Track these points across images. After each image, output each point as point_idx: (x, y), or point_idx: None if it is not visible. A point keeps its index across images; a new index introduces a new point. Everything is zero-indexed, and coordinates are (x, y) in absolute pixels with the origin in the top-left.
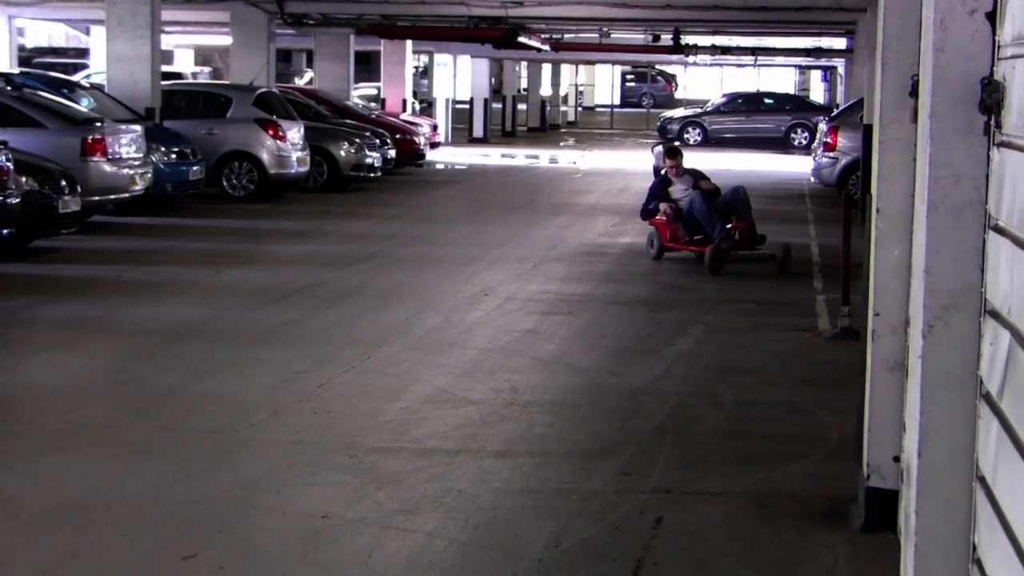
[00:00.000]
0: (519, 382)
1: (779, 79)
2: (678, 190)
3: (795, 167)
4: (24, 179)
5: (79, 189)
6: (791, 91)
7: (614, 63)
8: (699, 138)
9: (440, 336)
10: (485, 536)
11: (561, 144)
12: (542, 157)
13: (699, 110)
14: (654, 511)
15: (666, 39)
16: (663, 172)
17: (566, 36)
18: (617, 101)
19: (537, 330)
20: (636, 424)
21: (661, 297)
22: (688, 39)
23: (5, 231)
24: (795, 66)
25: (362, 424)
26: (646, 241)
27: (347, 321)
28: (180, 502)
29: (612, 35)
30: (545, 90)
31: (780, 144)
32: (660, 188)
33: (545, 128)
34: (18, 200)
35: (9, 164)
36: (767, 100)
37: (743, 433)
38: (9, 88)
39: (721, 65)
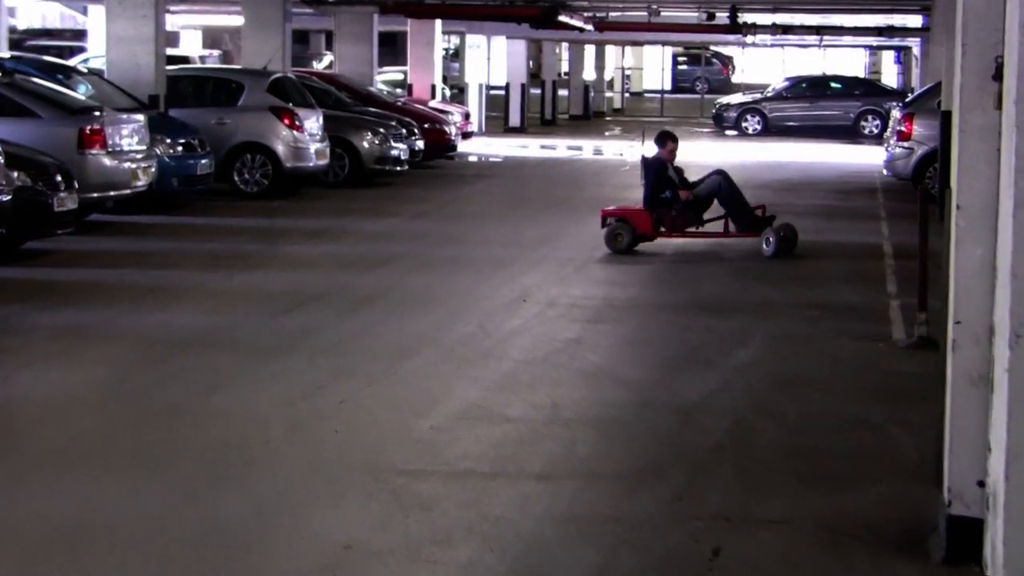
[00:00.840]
0: (561, 397)
1: (847, 61)
2: (673, 176)
3: (865, 158)
4: (16, 174)
5: (76, 185)
6: (861, 74)
7: (664, 44)
8: (759, 127)
9: (474, 346)
10: (524, 568)
11: (606, 134)
12: (585, 148)
13: (759, 96)
14: (710, 540)
15: (722, 17)
16: (658, 157)
17: (611, 15)
18: (668, 86)
19: (581, 339)
20: (690, 443)
21: (717, 301)
22: (746, 17)
23: None
24: (865, 47)
25: (388, 443)
26: (606, 234)
27: (371, 329)
28: (186, 527)
29: (662, 13)
30: (588, 74)
31: (849, 133)
32: (664, 174)
33: (588, 116)
34: (9, 197)
35: (0, 158)
36: (834, 84)
37: (809, 452)
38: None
39: (783, 46)
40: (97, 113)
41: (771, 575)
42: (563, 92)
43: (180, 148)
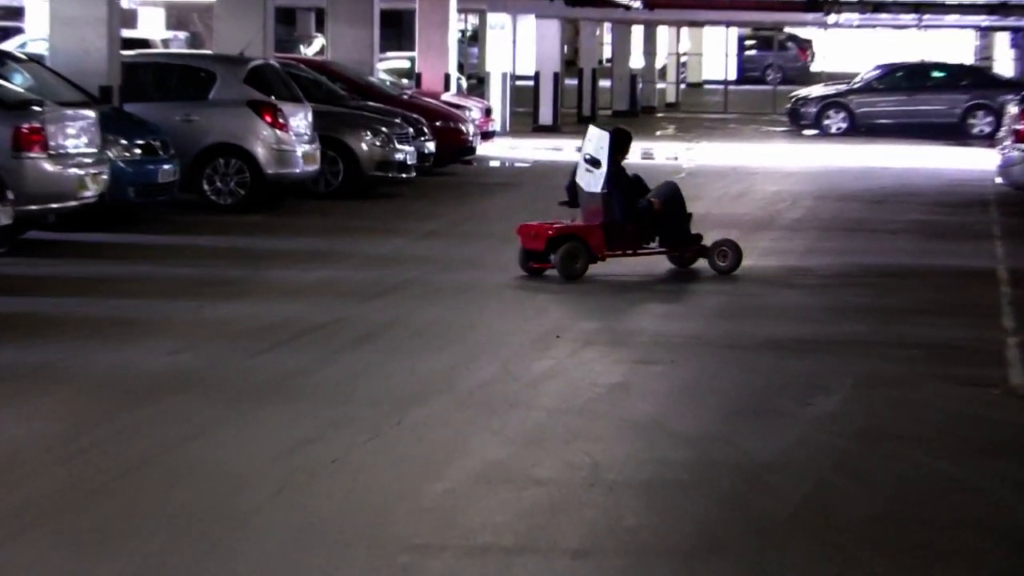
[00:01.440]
0: (603, 455)
1: (952, 45)
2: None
3: (975, 163)
4: None
5: (10, 196)
6: (969, 61)
7: (729, 24)
8: (844, 124)
9: (496, 391)
10: None
11: (658, 133)
12: (632, 151)
13: (844, 87)
14: None
15: None
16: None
17: None
18: (733, 75)
19: (627, 384)
20: (760, 511)
21: (794, 338)
22: None
23: None
24: (974, 27)
25: (393, 511)
26: (558, 258)
27: (373, 371)
28: None
29: None
30: (636, 62)
31: (954, 132)
32: (629, 180)
33: (636, 112)
34: None
35: None
36: (936, 74)
37: (903, 522)
38: None
39: (873, 27)
40: (37, 108)
41: None
42: (605, 83)
43: (138, 151)
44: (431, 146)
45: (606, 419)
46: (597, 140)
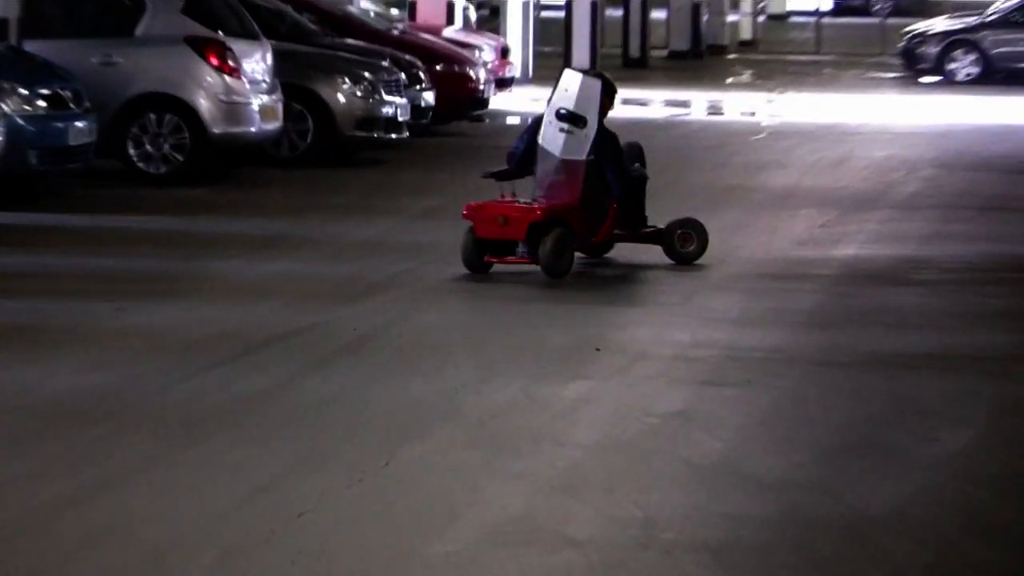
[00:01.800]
0: (657, 506)
1: None
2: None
3: None
4: None
5: None
6: None
7: None
8: (975, 69)
9: (515, 421)
10: None
11: (729, 81)
12: (695, 105)
13: (974, 20)
14: None
15: None
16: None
17: None
18: (829, 4)
19: (689, 412)
20: None
21: (911, 352)
22: None
23: None
24: None
25: None
26: (549, 249)
27: (352, 395)
28: None
29: None
30: None
31: None
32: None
33: (700, 52)
34: None
35: None
36: None
37: None
38: None
39: None
40: None
41: None
42: (658, 14)
43: (42, 103)
44: (429, 97)
45: (661, 459)
46: (581, 90)
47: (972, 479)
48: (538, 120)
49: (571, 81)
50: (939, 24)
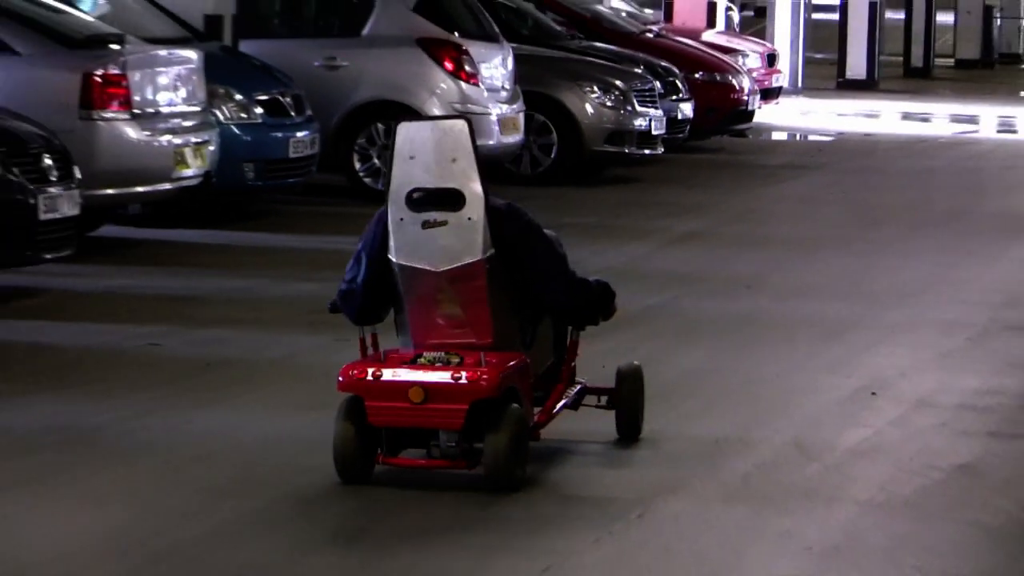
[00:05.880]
0: (942, 573)
1: None
2: None
3: None
4: None
5: (77, 174)
6: None
7: None
8: None
9: (784, 474)
10: None
11: (1022, 95)
12: (985, 121)
13: None
14: None
15: None
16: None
17: None
18: None
19: (980, 466)
20: None
21: None
22: None
23: None
24: None
25: None
26: (505, 447)
27: (597, 440)
28: None
29: None
30: None
31: None
32: None
33: (992, 61)
34: None
35: None
36: None
37: None
38: None
39: None
40: (114, 47)
41: None
42: (945, 19)
43: (260, 110)
44: (687, 109)
45: (952, 518)
46: (438, 149)
47: None
48: (381, 224)
49: (416, 141)
50: None
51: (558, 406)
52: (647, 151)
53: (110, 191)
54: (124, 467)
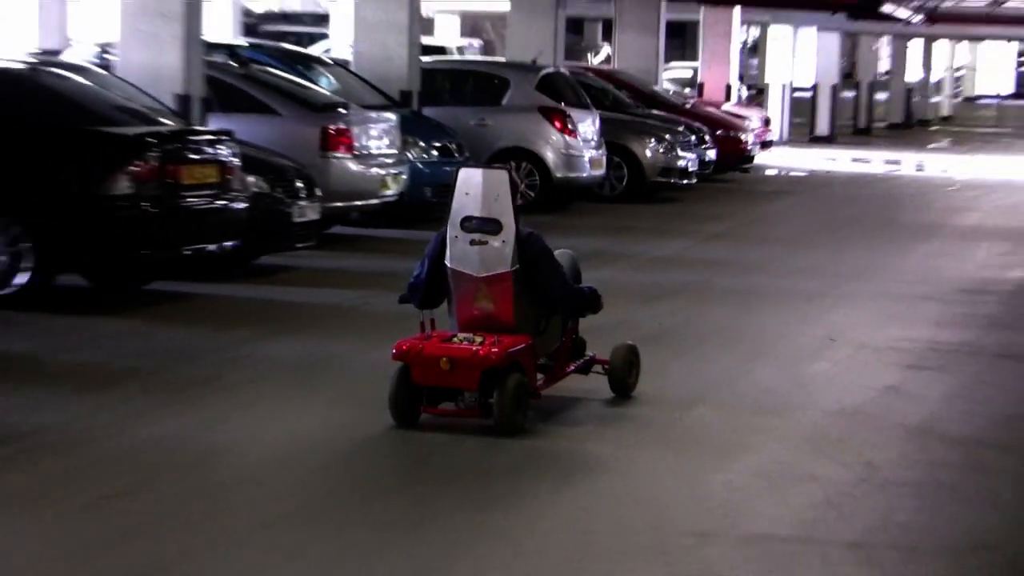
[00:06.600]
0: (875, 455)
1: None
2: None
3: None
4: (252, 179)
5: (318, 192)
6: None
7: (1009, 39)
8: None
9: (773, 393)
10: None
11: (931, 146)
12: (906, 163)
13: None
14: None
15: None
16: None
17: (944, 4)
18: (1009, 90)
19: (900, 388)
20: None
21: None
22: None
23: (230, 243)
24: None
25: (672, 501)
26: (507, 403)
27: (655, 370)
28: None
29: (1009, 2)
30: (912, 75)
31: None
32: None
33: (911, 125)
34: (246, 206)
35: (235, 160)
36: None
37: None
38: (234, 64)
39: None
40: (342, 110)
41: None
42: (880, 96)
43: (435, 152)
44: (712, 154)
45: (879, 421)
46: (486, 189)
47: None
48: (441, 239)
49: (471, 182)
50: None
51: (564, 373)
52: (685, 181)
53: (339, 204)
54: (352, 381)
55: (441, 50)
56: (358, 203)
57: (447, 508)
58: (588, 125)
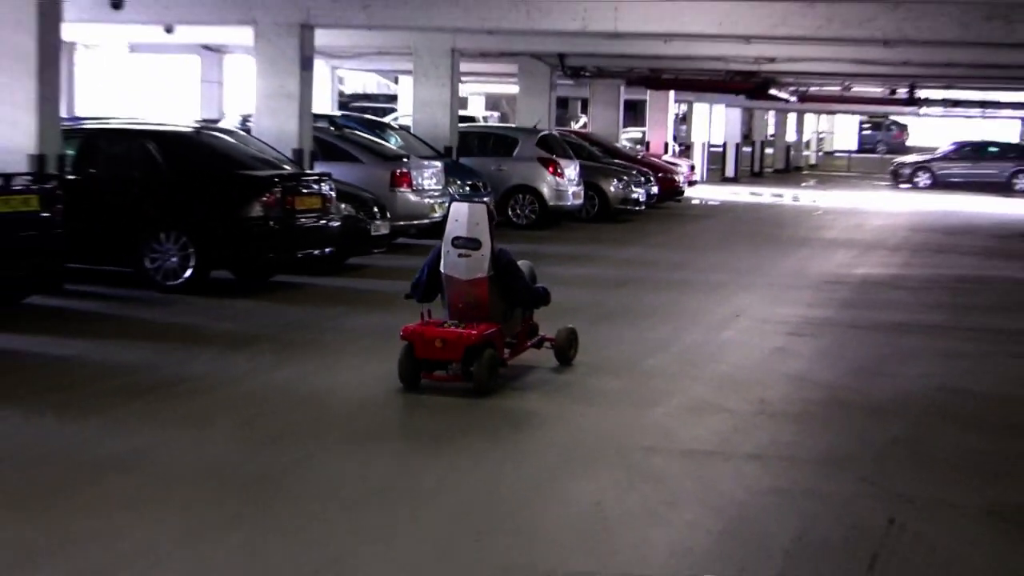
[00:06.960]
0: (768, 394)
1: (1004, 129)
2: None
3: (1017, 209)
4: (343, 206)
5: (388, 215)
6: (1015, 140)
7: (854, 113)
8: (928, 182)
9: (698, 351)
10: (738, 528)
11: (803, 184)
12: (786, 195)
13: (928, 156)
14: (887, 513)
15: (902, 93)
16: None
17: (811, 89)
18: (855, 147)
19: (784, 348)
20: (874, 436)
21: (897, 322)
22: (922, 93)
23: (328, 249)
24: (1020, 118)
25: (625, 426)
26: (483, 369)
27: (616, 335)
28: None
29: (853, 88)
30: (790, 136)
31: (1003, 188)
32: None
33: (789, 170)
34: (339, 224)
35: (332, 193)
36: (992, 148)
37: (981, 453)
38: (332, 128)
39: (951, 116)
40: (405, 159)
41: (935, 541)
42: (769, 150)
43: (468, 188)
44: (655, 189)
45: (771, 371)
46: (470, 217)
47: (928, 387)
48: (437, 252)
49: (460, 212)
50: (910, 158)
51: (524, 348)
52: (638, 208)
53: (402, 223)
54: (396, 346)
55: (472, 119)
56: (415, 222)
57: (445, 433)
58: (572, 170)
